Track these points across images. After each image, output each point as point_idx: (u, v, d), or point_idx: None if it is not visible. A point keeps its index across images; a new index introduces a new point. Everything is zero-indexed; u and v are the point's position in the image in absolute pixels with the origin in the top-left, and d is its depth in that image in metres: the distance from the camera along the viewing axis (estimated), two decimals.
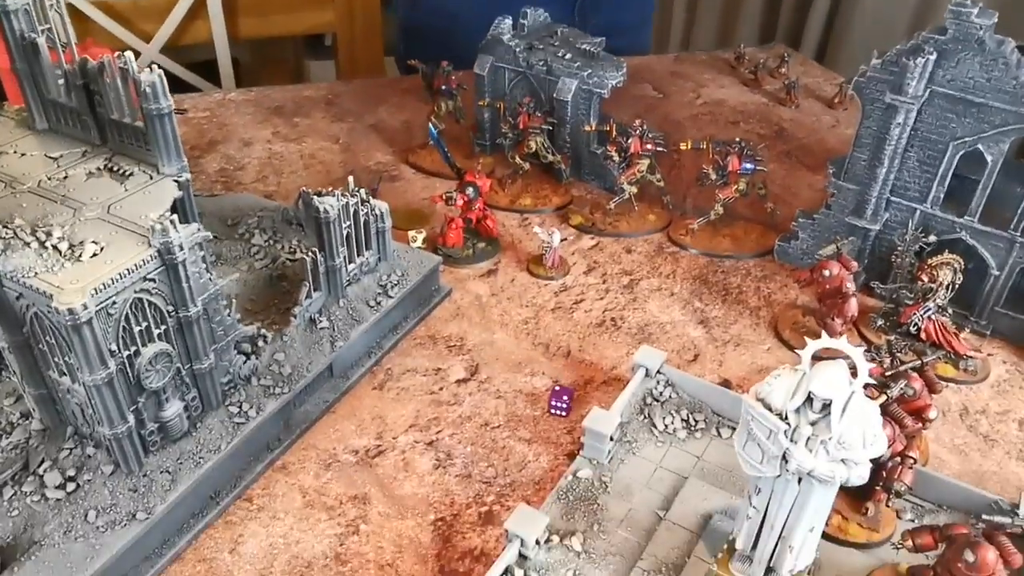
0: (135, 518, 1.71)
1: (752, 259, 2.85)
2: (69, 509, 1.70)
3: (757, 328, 2.53)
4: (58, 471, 1.75)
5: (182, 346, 1.80)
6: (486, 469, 2.03)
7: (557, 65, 3.03)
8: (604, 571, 1.74)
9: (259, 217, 2.63)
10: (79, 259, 1.61)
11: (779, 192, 3.15)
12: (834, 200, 2.62)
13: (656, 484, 1.95)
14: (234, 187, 3.18)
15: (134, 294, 1.63)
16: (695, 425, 2.09)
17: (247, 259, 2.46)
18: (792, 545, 1.50)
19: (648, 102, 4.00)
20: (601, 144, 3.08)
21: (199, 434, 1.89)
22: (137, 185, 1.88)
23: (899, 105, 2.32)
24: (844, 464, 1.36)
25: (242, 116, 3.77)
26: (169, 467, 1.81)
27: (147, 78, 1.79)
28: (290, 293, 2.32)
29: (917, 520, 1.86)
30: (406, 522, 1.89)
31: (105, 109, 1.96)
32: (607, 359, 2.38)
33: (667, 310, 2.59)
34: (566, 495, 1.91)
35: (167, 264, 1.67)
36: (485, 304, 2.58)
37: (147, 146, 1.94)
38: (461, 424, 2.15)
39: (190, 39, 5.70)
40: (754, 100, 4.09)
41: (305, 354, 2.13)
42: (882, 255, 2.59)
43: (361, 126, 3.69)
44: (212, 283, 1.80)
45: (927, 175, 2.43)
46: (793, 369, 1.40)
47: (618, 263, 2.80)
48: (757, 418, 1.40)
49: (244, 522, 1.88)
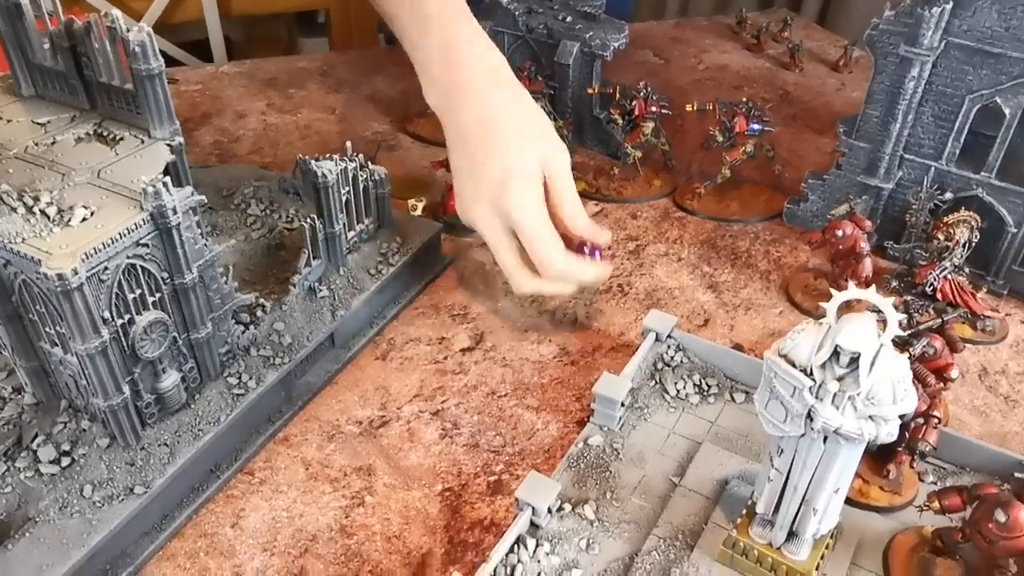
0: (133, 492, 1.65)
1: (760, 222, 2.78)
2: (64, 484, 1.64)
3: (768, 292, 2.47)
4: (52, 446, 1.68)
5: (178, 315, 1.74)
6: (494, 438, 1.97)
7: (557, 28, 2.95)
8: (618, 539, 1.68)
9: (255, 187, 2.56)
10: (68, 224, 1.54)
11: (786, 156, 3.07)
12: (845, 159, 2.56)
13: (669, 450, 1.89)
14: (229, 159, 3.11)
15: (127, 260, 1.56)
16: (708, 390, 2.03)
17: (244, 229, 2.39)
18: (816, 507, 1.44)
19: (650, 68, 3.92)
20: (604, 108, 3.01)
21: (198, 406, 1.82)
22: (128, 149, 1.80)
23: (913, 58, 2.25)
24: (872, 421, 1.30)
25: (235, 88, 3.68)
26: (167, 440, 1.74)
27: (135, 36, 1.71)
28: (288, 262, 2.25)
29: (940, 482, 1.80)
30: (413, 493, 1.83)
31: (93, 72, 1.88)
32: (615, 325, 2.32)
33: (675, 275, 2.53)
34: (577, 463, 1.85)
35: (160, 228, 1.60)
36: (488, 272, 2.51)
37: (137, 110, 1.86)
38: (467, 393, 2.09)
39: (181, 17, 5.61)
40: (757, 65, 4.01)
41: (305, 324, 2.07)
42: (895, 215, 2.53)
43: (357, 96, 3.61)
44: (208, 249, 1.73)
45: (942, 131, 2.36)
46: (818, 323, 1.33)
47: (624, 229, 2.73)
48: (780, 375, 1.33)
49: (246, 496, 1.82)
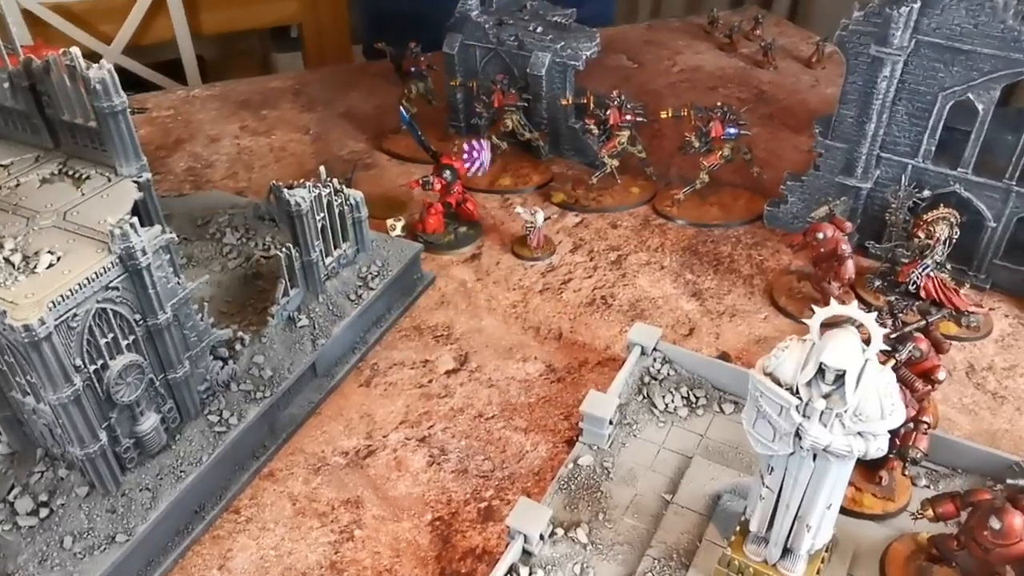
0: (115, 541, 1.62)
1: (741, 226, 2.77)
2: (43, 536, 1.60)
3: (752, 297, 2.45)
4: (29, 496, 1.64)
5: (154, 356, 1.71)
6: (483, 462, 1.95)
7: (529, 39, 2.93)
8: (612, 562, 1.66)
9: (230, 215, 2.52)
10: (34, 271, 1.51)
11: (764, 156, 3.06)
12: (822, 160, 2.54)
13: (660, 466, 1.87)
14: (203, 185, 3.07)
15: (96, 304, 1.53)
16: (696, 402, 2.01)
17: (220, 259, 2.36)
18: (810, 524, 1.43)
19: (624, 72, 3.91)
20: (579, 118, 2.99)
21: (179, 446, 1.79)
22: (94, 189, 1.77)
23: (885, 57, 2.24)
24: (861, 437, 1.28)
25: (207, 112, 3.64)
26: (149, 484, 1.71)
27: (96, 74, 1.68)
28: (266, 292, 2.22)
29: (932, 486, 1.79)
30: (402, 524, 1.81)
31: (55, 110, 1.84)
32: (600, 339, 2.30)
33: (658, 284, 2.51)
34: (568, 484, 1.83)
35: (130, 270, 1.57)
36: (471, 290, 2.49)
37: (103, 147, 1.82)
38: (453, 417, 2.07)
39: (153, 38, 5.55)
40: (731, 64, 4.00)
41: (286, 355, 2.04)
42: (875, 214, 2.52)
43: (331, 114, 3.58)
44: (181, 287, 1.71)
45: (917, 128, 2.35)
46: (801, 340, 1.32)
47: (604, 239, 2.71)
48: (766, 394, 1.32)
49: (232, 535, 1.79)
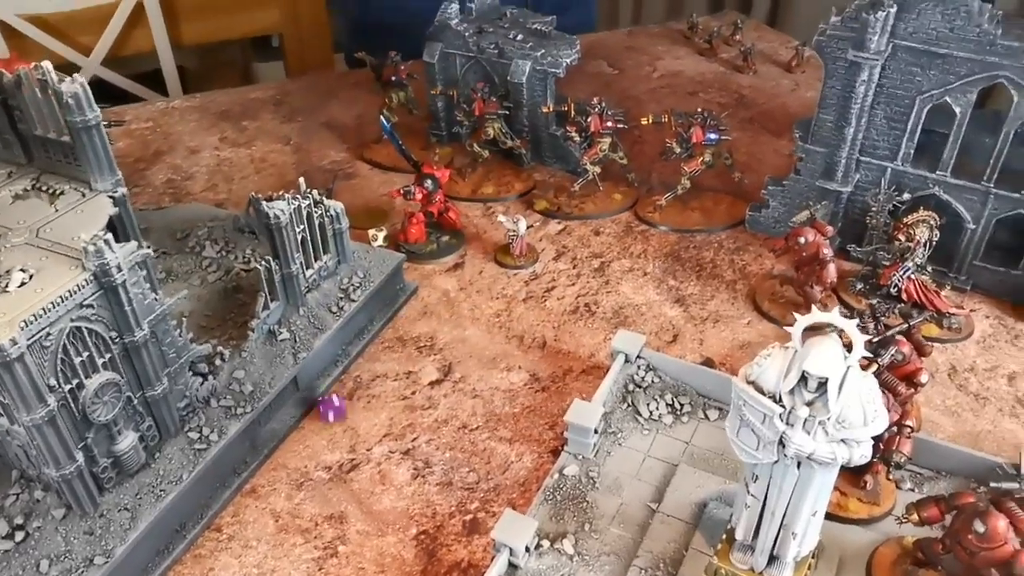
0: (93, 563, 1.59)
1: (723, 231, 2.77)
2: (19, 560, 1.57)
3: (735, 302, 2.45)
4: (4, 520, 1.61)
5: (131, 373, 1.68)
6: (467, 474, 1.93)
7: (509, 47, 2.92)
8: (599, 573, 1.65)
9: (209, 228, 2.50)
10: (6, 290, 1.49)
11: (745, 160, 3.07)
12: (802, 164, 2.55)
13: (646, 475, 1.86)
14: (183, 198, 3.05)
15: (71, 323, 1.51)
16: (681, 409, 2.00)
17: (199, 273, 2.34)
18: (795, 531, 1.42)
19: (604, 79, 3.91)
20: (560, 125, 2.99)
21: (158, 465, 1.77)
22: (68, 204, 1.75)
23: (862, 62, 2.24)
24: (845, 444, 1.28)
25: (187, 124, 3.62)
26: (127, 504, 1.69)
27: (68, 88, 1.66)
28: (246, 305, 2.20)
29: (917, 489, 1.79)
30: (387, 539, 1.79)
31: (28, 125, 1.82)
32: (584, 347, 2.29)
33: (641, 291, 2.50)
34: (553, 495, 1.81)
35: (105, 287, 1.55)
36: (454, 299, 2.48)
37: (77, 162, 1.81)
38: (438, 429, 2.05)
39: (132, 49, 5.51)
40: (711, 69, 4.01)
41: (267, 369, 2.02)
42: (856, 217, 2.52)
43: (312, 124, 3.56)
44: (159, 303, 1.69)
45: (896, 132, 2.36)
46: (783, 347, 1.31)
47: (587, 246, 2.71)
48: (749, 402, 1.31)
49: (214, 554, 1.77)
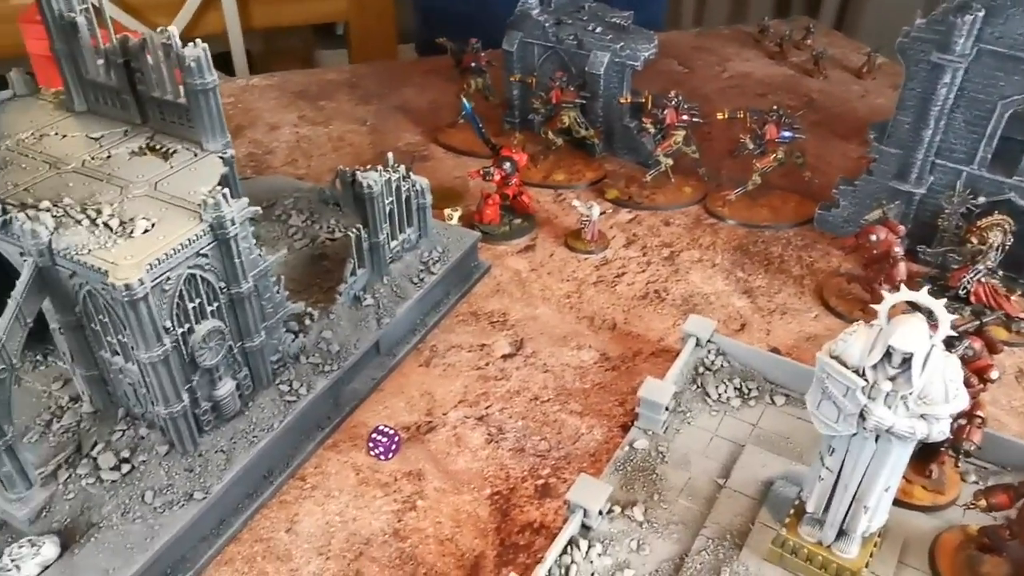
0: (192, 498, 1.69)
1: (791, 228, 2.81)
2: (126, 490, 1.68)
3: (802, 296, 2.49)
4: (112, 453, 1.72)
5: (233, 324, 1.78)
6: (539, 442, 2.00)
7: (588, 39, 2.99)
8: (668, 540, 1.71)
9: (295, 198, 2.60)
10: (131, 235, 1.59)
11: (813, 162, 3.09)
12: (876, 165, 2.58)
13: (713, 453, 1.92)
14: (264, 171, 3.16)
15: (187, 270, 1.61)
16: (748, 393, 2.05)
17: (285, 240, 2.43)
18: (867, 505, 1.47)
19: (674, 77, 3.95)
20: (634, 117, 3.05)
21: (251, 413, 1.86)
22: (182, 162, 1.85)
23: (946, 65, 2.27)
24: (924, 420, 1.33)
25: (266, 101, 3.74)
26: (223, 446, 1.78)
27: (191, 52, 1.76)
28: (331, 272, 2.29)
29: (982, 482, 1.82)
30: (463, 497, 1.87)
31: (146, 87, 1.93)
32: (653, 331, 2.35)
33: (710, 281, 2.56)
34: (623, 466, 1.88)
35: (219, 239, 1.64)
36: (525, 279, 2.55)
37: (189, 123, 1.91)
38: (510, 399, 2.13)
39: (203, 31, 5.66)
40: (780, 72, 4.04)
41: (352, 332, 2.11)
42: (926, 219, 2.54)
43: (387, 107, 3.66)
44: (262, 259, 1.78)
45: (974, 136, 2.38)
46: (868, 324, 1.37)
47: (657, 236, 2.77)
48: (833, 375, 1.36)
49: (299, 501, 1.86)
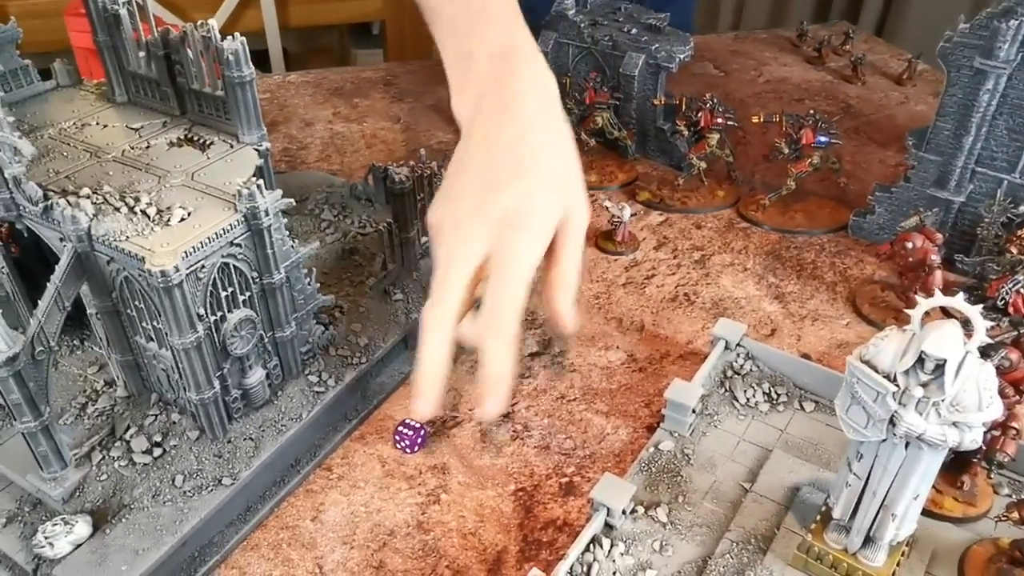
0: (221, 483, 1.71)
1: (825, 234, 2.78)
2: (157, 474, 1.71)
3: (834, 303, 2.47)
4: (144, 437, 1.75)
5: (265, 313, 1.80)
6: (564, 441, 2.00)
7: (623, 40, 2.99)
8: (691, 542, 1.71)
9: (327, 193, 2.63)
10: (168, 223, 1.61)
11: (849, 168, 3.07)
12: (914, 172, 2.55)
13: (740, 457, 1.91)
14: (298, 166, 3.19)
15: (221, 259, 1.63)
16: (777, 399, 2.04)
17: (317, 234, 2.46)
18: (895, 513, 1.45)
19: (709, 80, 3.94)
20: (668, 119, 3.04)
21: (280, 402, 1.88)
22: (218, 153, 1.88)
23: (989, 70, 2.25)
24: (956, 427, 1.31)
25: (302, 97, 3.77)
26: (252, 434, 1.81)
27: (230, 46, 1.79)
28: (361, 266, 2.31)
29: (1015, 495, 1.80)
30: (487, 492, 1.87)
31: (185, 79, 1.96)
32: (682, 333, 2.34)
33: (741, 285, 2.54)
34: (648, 467, 1.87)
35: (253, 229, 1.66)
36: None
37: (226, 116, 1.93)
38: (536, 397, 2.13)
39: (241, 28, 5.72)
40: (818, 77, 4.01)
41: (380, 326, 2.12)
42: (964, 228, 2.51)
43: (421, 106, 3.68)
44: (294, 251, 1.80)
45: (1016, 143, 2.35)
46: (901, 330, 1.35)
47: (688, 239, 2.76)
48: (863, 380, 1.35)
49: (325, 491, 1.87)
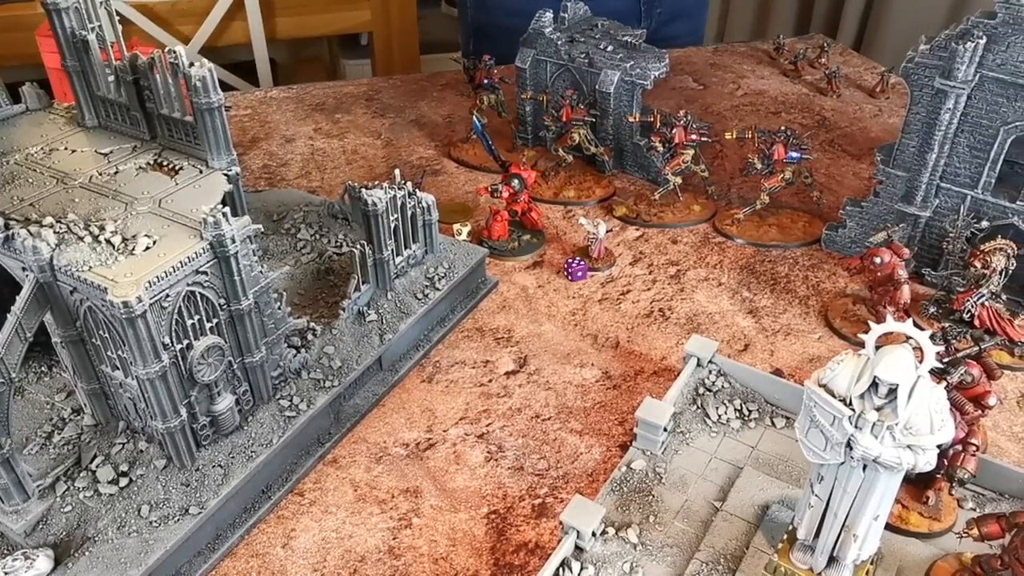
0: (188, 513, 1.71)
1: (799, 248, 2.80)
2: (123, 504, 1.70)
3: (807, 317, 2.49)
4: (111, 466, 1.75)
5: (233, 339, 1.81)
6: (538, 461, 2.01)
7: (599, 57, 3.01)
8: (661, 563, 1.72)
9: (304, 212, 2.64)
10: (132, 252, 1.62)
11: (823, 181, 3.10)
12: (882, 187, 2.58)
13: (711, 475, 1.92)
14: (278, 183, 3.20)
15: (187, 287, 1.63)
16: (748, 415, 2.05)
17: (294, 253, 2.47)
18: (856, 534, 1.47)
19: (688, 94, 3.96)
20: (644, 135, 3.06)
21: (250, 428, 1.89)
22: (187, 179, 1.89)
23: (949, 90, 2.28)
24: (911, 450, 1.33)
25: (284, 113, 3.78)
26: (221, 461, 1.81)
27: (197, 72, 1.80)
28: (337, 287, 2.32)
29: (979, 509, 1.81)
30: (459, 515, 1.88)
31: (155, 104, 1.97)
32: (656, 350, 2.36)
33: (715, 300, 2.56)
34: (620, 487, 1.88)
35: (219, 257, 1.67)
36: (532, 296, 2.57)
37: (196, 140, 1.95)
38: (511, 416, 2.14)
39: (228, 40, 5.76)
40: (795, 90, 4.04)
41: (354, 347, 2.13)
42: (932, 242, 2.54)
43: (402, 121, 3.69)
44: (263, 276, 1.81)
45: (978, 160, 2.38)
46: (857, 354, 1.37)
47: (664, 254, 2.77)
48: (820, 404, 1.37)
49: (296, 516, 1.88)
